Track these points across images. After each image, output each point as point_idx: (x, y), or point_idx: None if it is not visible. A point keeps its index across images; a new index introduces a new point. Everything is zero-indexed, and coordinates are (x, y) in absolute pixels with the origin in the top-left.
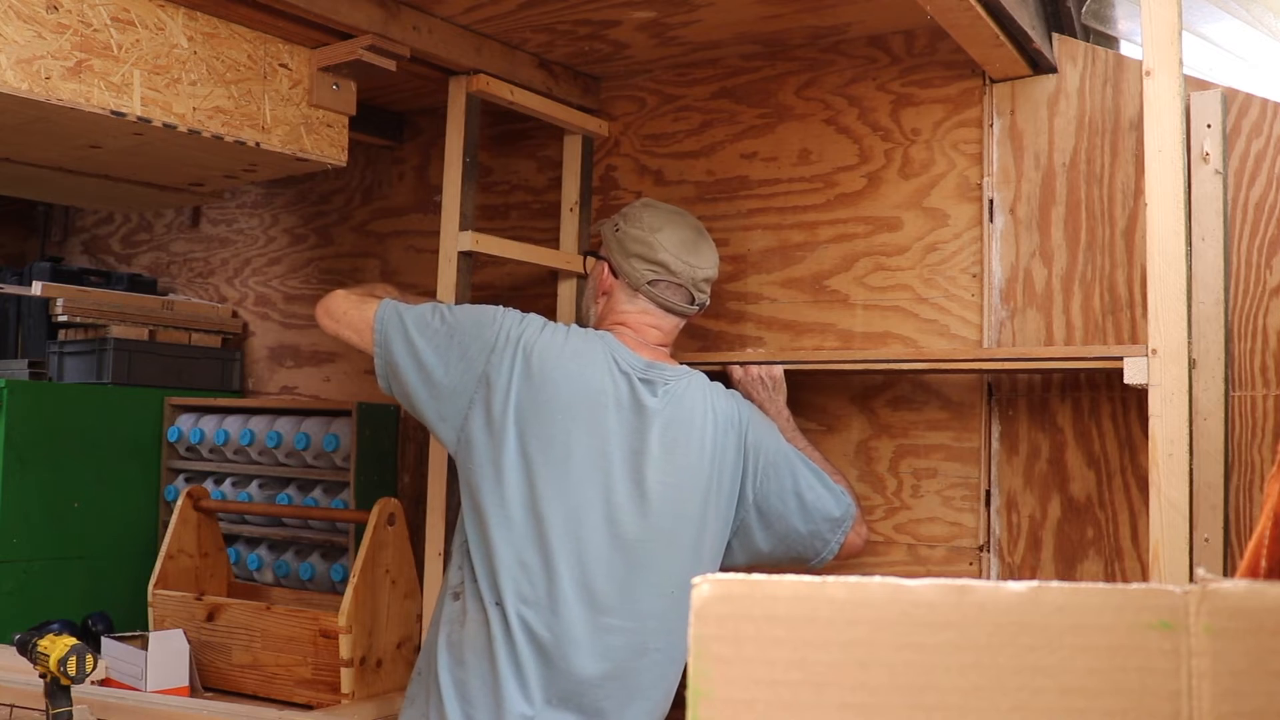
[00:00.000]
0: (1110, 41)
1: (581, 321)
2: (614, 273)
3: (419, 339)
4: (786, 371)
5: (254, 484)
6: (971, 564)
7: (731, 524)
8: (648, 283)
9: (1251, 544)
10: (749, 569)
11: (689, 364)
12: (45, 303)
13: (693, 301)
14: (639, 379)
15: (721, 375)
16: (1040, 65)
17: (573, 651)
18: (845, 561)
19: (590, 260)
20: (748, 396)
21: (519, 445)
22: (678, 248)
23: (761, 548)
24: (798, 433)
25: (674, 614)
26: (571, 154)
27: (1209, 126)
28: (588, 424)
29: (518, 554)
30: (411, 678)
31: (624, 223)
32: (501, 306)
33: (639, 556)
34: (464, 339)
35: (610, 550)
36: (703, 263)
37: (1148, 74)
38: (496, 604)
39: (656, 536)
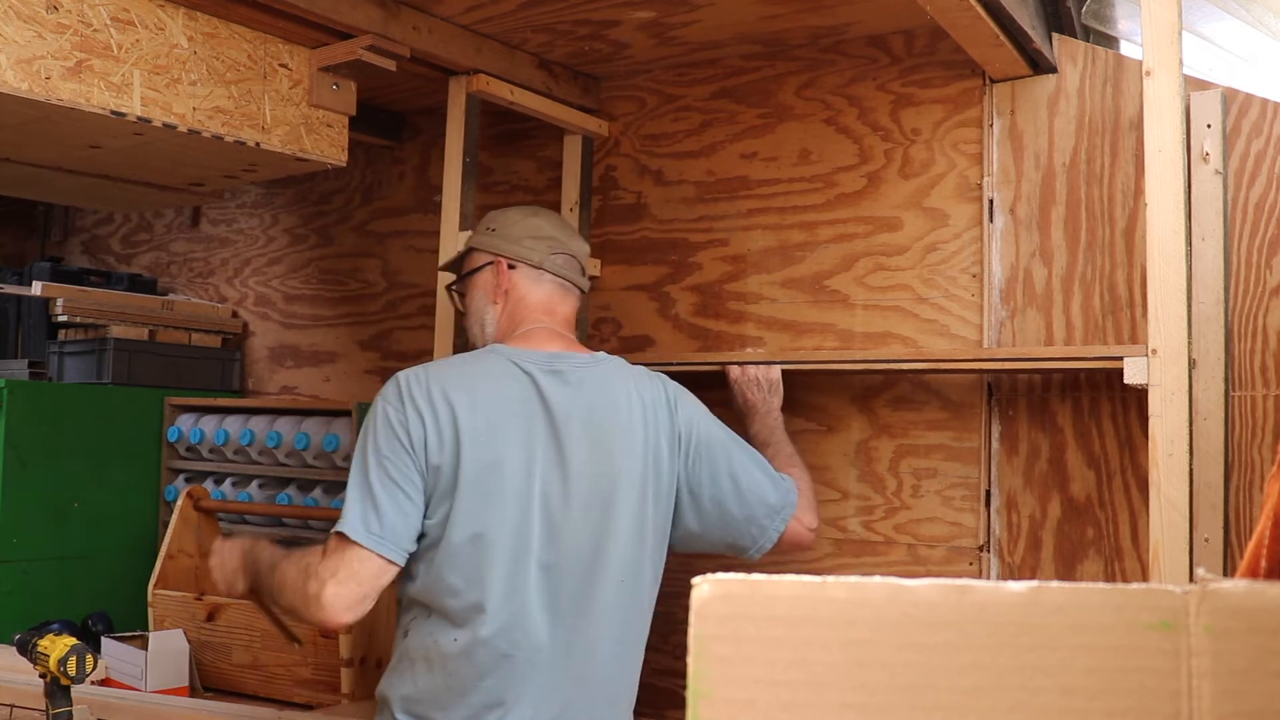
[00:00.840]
0: (1110, 41)
1: (473, 346)
2: (510, 266)
3: (402, 502)
4: (786, 372)
5: (254, 484)
6: (971, 564)
7: (673, 504)
8: (551, 255)
9: (1251, 544)
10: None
11: (687, 364)
12: (45, 303)
13: (583, 274)
14: (546, 372)
15: (720, 375)
16: (1040, 65)
17: (541, 660)
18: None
19: (468, 284)
20: (742, 397)
21: (453, 485)
22: (555, 228)
23: (693, 528)
24: (785, 434)
25: (628, 601)
26: (571, 154)
27: (1209, 126)
28: (508, 438)
29: (477, 587)
30: None
31: (495, 224)
32: (381, 402)
33: (586, 552)
34: (406, 458)
35: (559, 553)
36: (581, 241)
37: (1148, 74)
38: (456, 639)
39: (599, 528)
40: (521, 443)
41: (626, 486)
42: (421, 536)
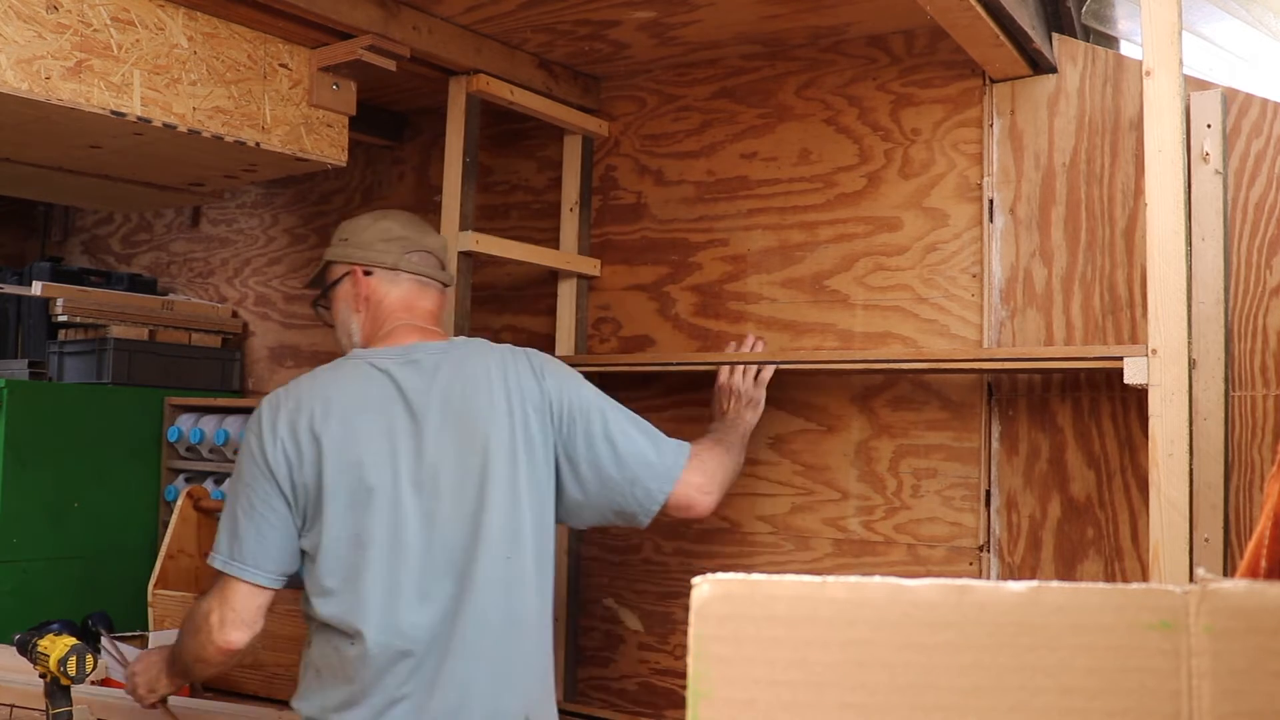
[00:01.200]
0: (1110, 41)
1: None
2: (366, 273)
3: (262, 527)
4: (786, 371)
5: None
6: (971, 564)
7: (552, 473)
8: (405, 254)
9: (1251, 544)
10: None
11: (687, 364)
12: (45, 303)
13: (443, 268)
14: (401, 364)
15: (711, 376)
16: (1040, 65)
17: (435, 648)
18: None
19: (331, 298)
20: (718, 404)
21: (321, 495)
22: (405, 227)
23: (577, 496)
24: (738, 436)
25: (514, 576)
26: (571, 154)
27: (1209, 126)
28: (368, 437)
29: (358, 588)
30: None
31: (346, 234)
32: (245, 432)
33: (464, 534)
34: (266, 485)
35: (436, 540)
36: (436, 236)
37: (1148, 74)
38: (353, 642)
39: (475, 508)
40: (383, 438)
41: (497, 462)
42: (304, 553)
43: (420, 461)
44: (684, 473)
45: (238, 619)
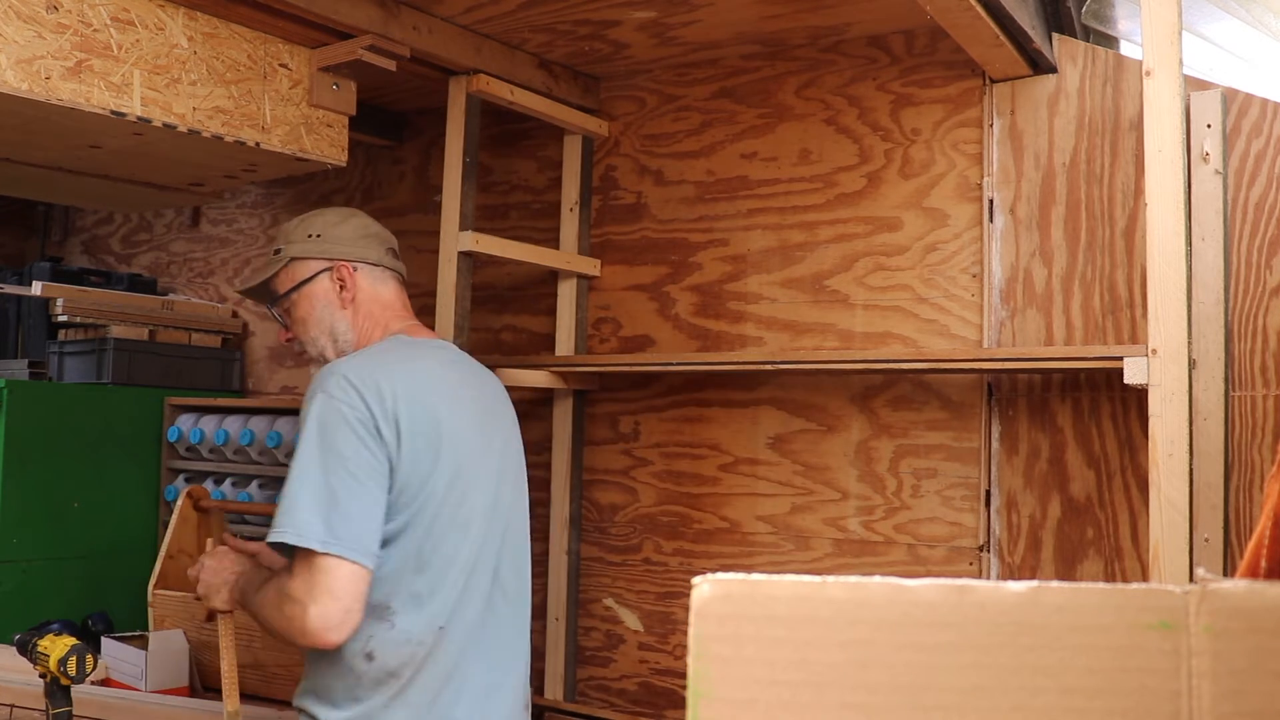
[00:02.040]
0: (1110, 41)
1: (320, 359)
2: (352, 269)
3: (369, 503)
4: (786, 371)
5: (254, 484)
6: (971, 564)
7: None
8: (385, 251)
9: (1251, 544)
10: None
11: (687, 364)
12: (45, 303)
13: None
14: (454, 356)
15: (721, 375)
16: (1040, 65)
17: (478, 629)
18: None
19: (298, 297)
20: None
21: (427, 472)
22: (375, 224)
23: None
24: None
25: (525, 559)
26: (571, 154)
27: (1209, 126)
28: (464, 423)
29: (451, 568)
30: None
31: (316, 229)
32: (330, 400)
33: (518, 518)
34: (377, 451)
35: (504, 525)
36: (391, 234)
37: (1148, 74)
38: (442, 626)
39: (517, 494)
40: (470, 421)
41: (518, 453)
42: (385, 542)
43: (489, 447)
44: None
45: (343, 610)
